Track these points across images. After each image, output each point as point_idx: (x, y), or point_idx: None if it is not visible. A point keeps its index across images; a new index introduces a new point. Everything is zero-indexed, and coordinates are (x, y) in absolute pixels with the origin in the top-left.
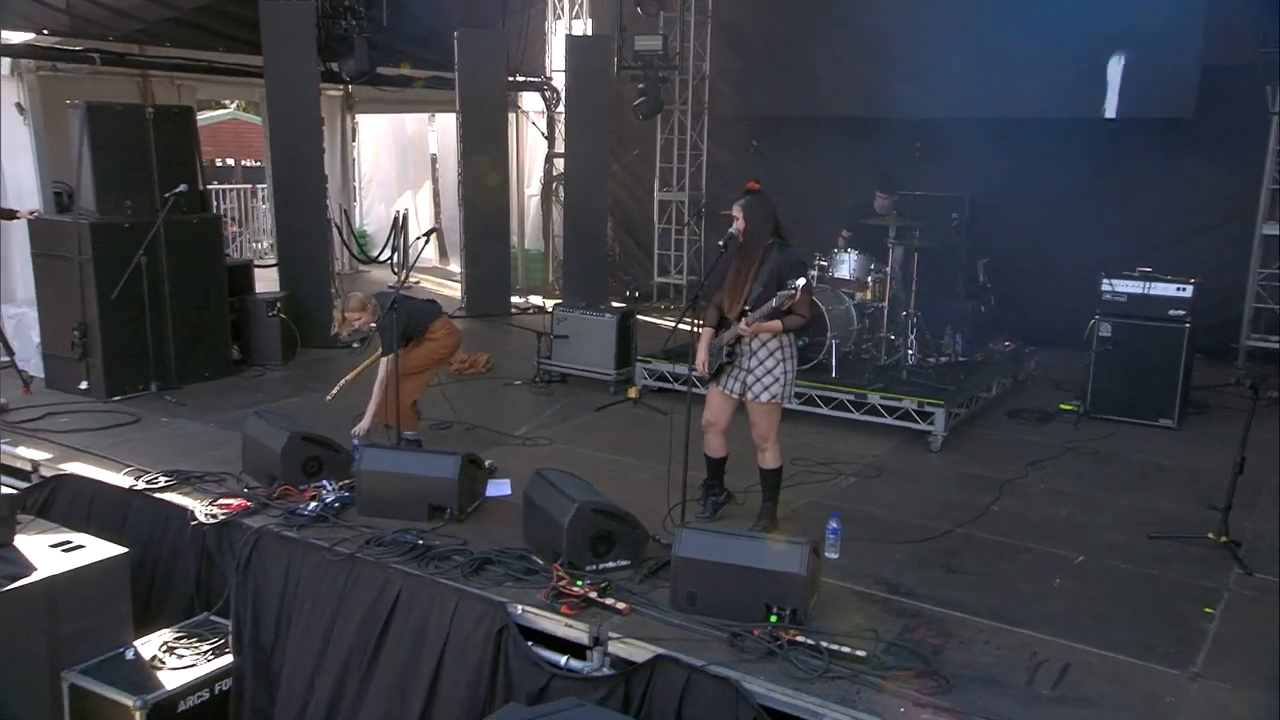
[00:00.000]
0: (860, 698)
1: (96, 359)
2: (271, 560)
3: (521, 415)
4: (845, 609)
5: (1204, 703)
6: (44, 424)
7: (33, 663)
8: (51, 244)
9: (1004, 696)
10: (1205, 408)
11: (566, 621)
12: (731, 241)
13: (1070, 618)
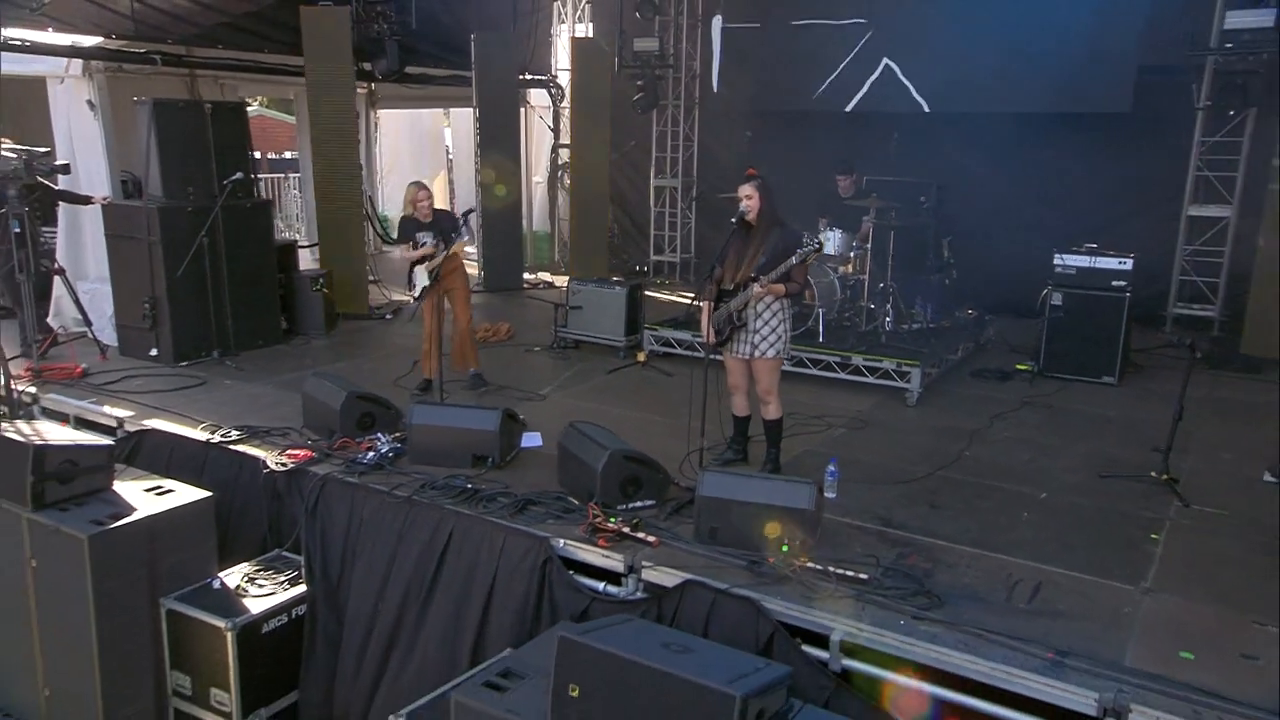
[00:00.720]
0: (865, 613)
1: (165, 329)
2: (336, 503)
3: (543, 377)
4: (846, 540)
5: (1155, 612)
6: (122, 386)
7: (136, 591)
8: (124, 226)
9: (988, 611)
10: (1140, 367)
11: (604, 553)
12: (738, 220)
13: (1038, 544)
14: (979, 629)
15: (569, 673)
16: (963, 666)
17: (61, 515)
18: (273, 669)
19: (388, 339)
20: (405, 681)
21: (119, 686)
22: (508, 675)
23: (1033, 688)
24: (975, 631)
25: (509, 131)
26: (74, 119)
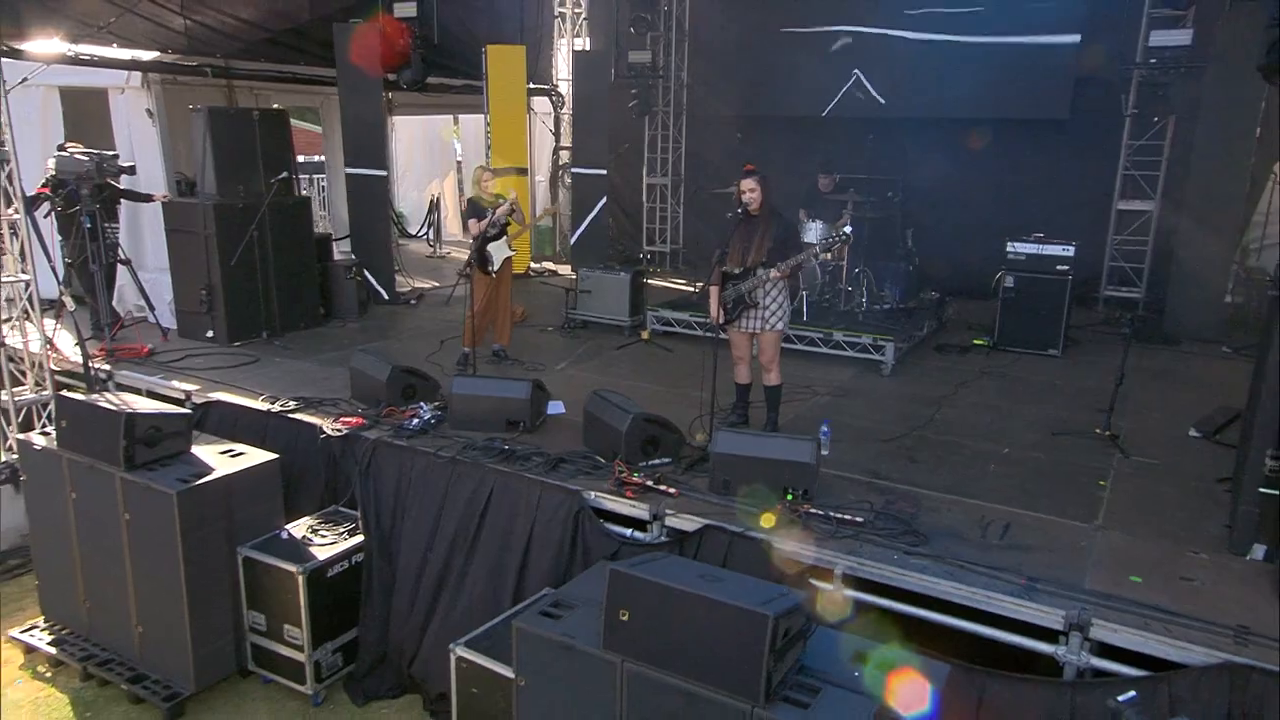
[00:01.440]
0: (862, 550)
1: (219, 313)
2: (386, 463)
3: (558, 353)
4: (841, 489)
5: (1106, 545)
6: (185, 364)
7: (216, 540)
8: (182, 221)
9: (966, 546)
10: (1077, 341)
11: (631, 503)
12: (740, 211)
13: (1005, 491)
14: (961, 561)
15: (619, 599)
16: (949, 592)
17: (150, 474)
18: (336, 608)
19: (414, 322)
20: (454, 619)
21: (204, 623)
22: (559, 605)
23: (1009, 608)
24: (958, 563)
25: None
26: (133, 126)
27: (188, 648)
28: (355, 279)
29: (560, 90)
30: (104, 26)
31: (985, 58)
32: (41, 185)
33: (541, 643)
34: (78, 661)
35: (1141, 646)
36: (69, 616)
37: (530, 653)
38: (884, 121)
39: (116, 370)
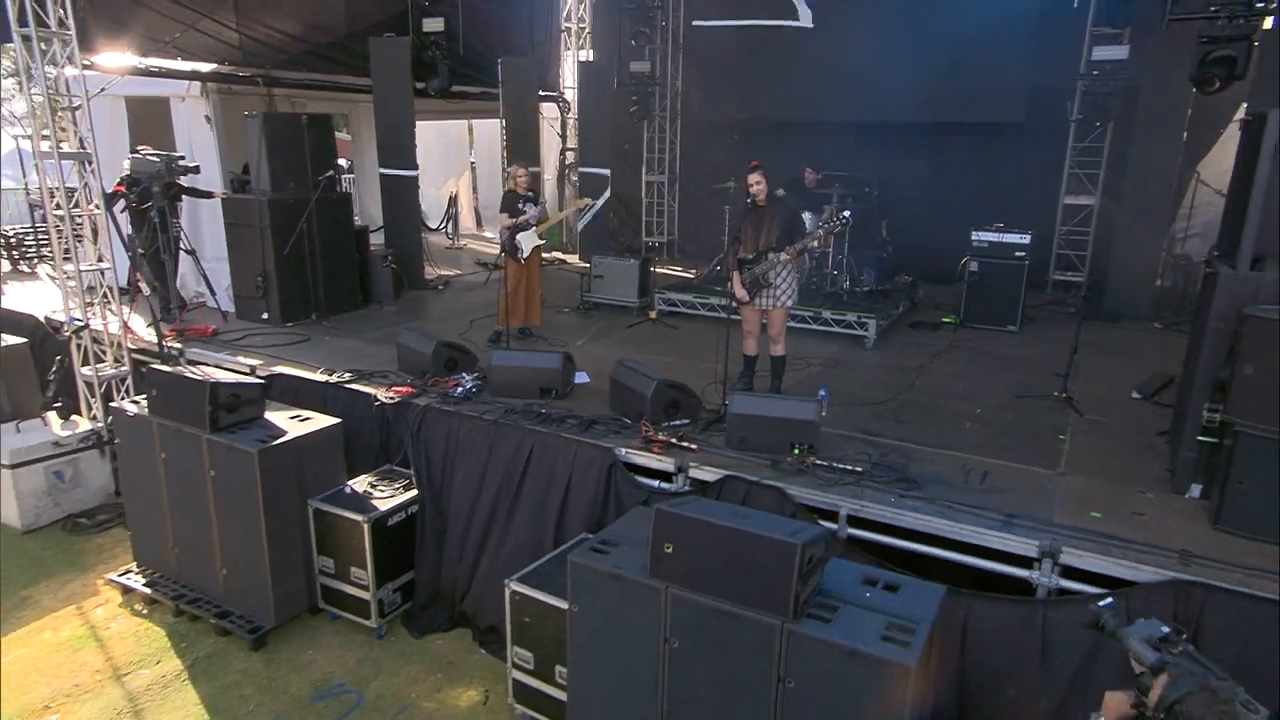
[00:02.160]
0: (864, 495)
1: (273, 297)
2: (436, 427)
3: (575, 331)
4: (839, 445)
5: (1069, 488)
6: (245, 342)
7: (291, 494)
8: (239, 215)
9: (952, 490)
10: (1032, 319)
11: (658, 458)
12: (749, 202)
13: (980, 445)
14: (948, 502)
15: (664, 534)
16: (940, 528)
17: (232, 436)
18: (395, 553)
19: (442, 304)
20: (500, 561)
21: (281, 566)
22: (605, 543)
23: (992, 540)
24: (946, 504)
25: (529, 137)
26: (193, 130)
27: (268, 587)
28: (390, 266)
29: (566, 97)
30: (169, 41)
31: (951, 68)
32: (118, 183)
33: (593, 574)
34: (170, 600)
35: (1103, 569)
36: (159, 562)
37: (583, 583)
38: (860, 125)
39: (186, 348)
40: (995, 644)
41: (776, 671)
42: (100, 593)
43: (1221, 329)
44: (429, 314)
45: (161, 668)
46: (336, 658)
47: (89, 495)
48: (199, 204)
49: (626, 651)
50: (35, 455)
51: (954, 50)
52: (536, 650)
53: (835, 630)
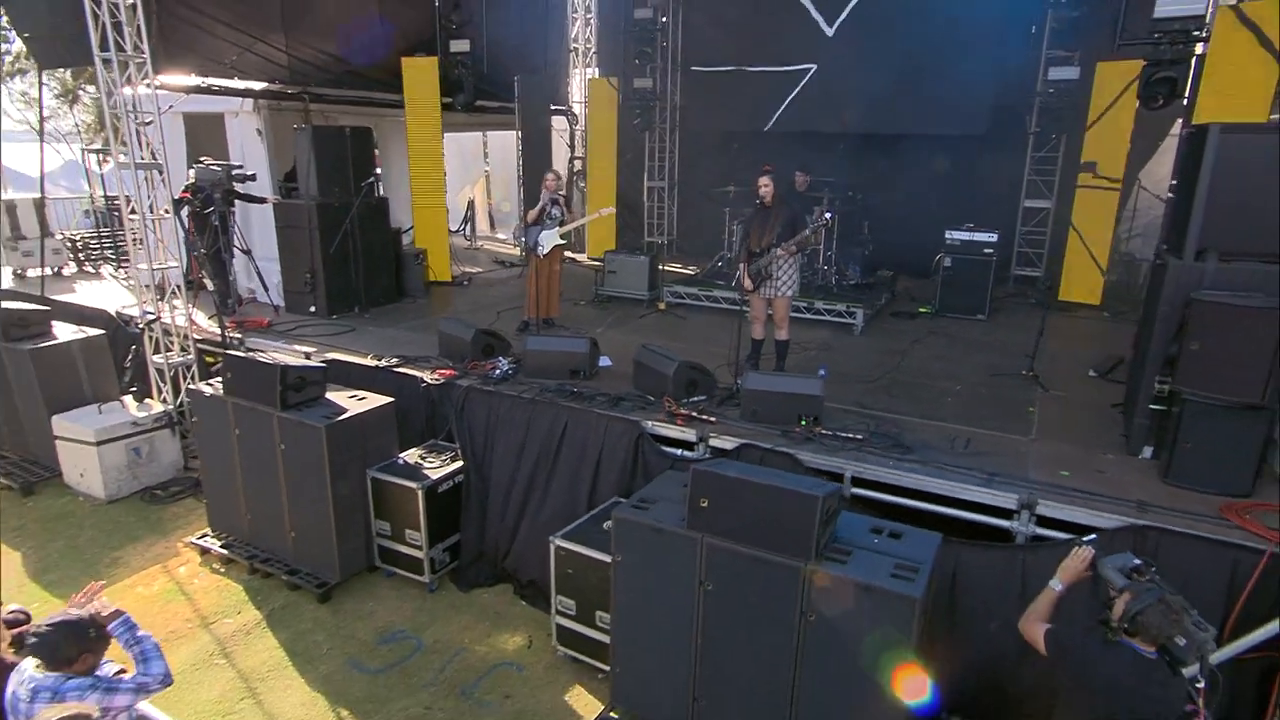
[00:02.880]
0: (865, 459)
1: (320, 292)
2: (477, 405)
3: (592, 321)
4: (839, 417)
5: (1041, 451)
6: (298, 332)
7: (352, 465)
8: (289, 219)
9: (941, 454)
10: (998, 309)
11: (681, 429)
12: (759, 203)
13: (963, 415)
14: (939, 463)
15: (700, 491)
16: (933, 486)
17: (300, 413)
18: (444, 517)
19: (469, 298)
20: (539, 524)
21: (344, 528)
22: (645, 501)
23: (978, 494)
24: (938, 465)
25: (542, 147)
26: (245, 142)
27: (333, 547)
28: (422, 264)
29: (575, 111)
30: (228, 63)
31: (924, 87)
32: (183, 190)
33: (636, 528)
34: (245, 559)
35: (1072, 517)
36: (232, 527)
37: (626, 536)
38: (844, 136)
39: (246, 338)
40: (981, 584)
41: (800, 607)
42: (181, 554)
43: (1170, 312)
44: (457, 307)
45: (242, 617)
46: (395, 609)
47: (162, 469)
48: (250, 208)
49: (665, 594)
50: (116, 434)
51: (927, 71)
52: (578, 598)
53: (851, 569)
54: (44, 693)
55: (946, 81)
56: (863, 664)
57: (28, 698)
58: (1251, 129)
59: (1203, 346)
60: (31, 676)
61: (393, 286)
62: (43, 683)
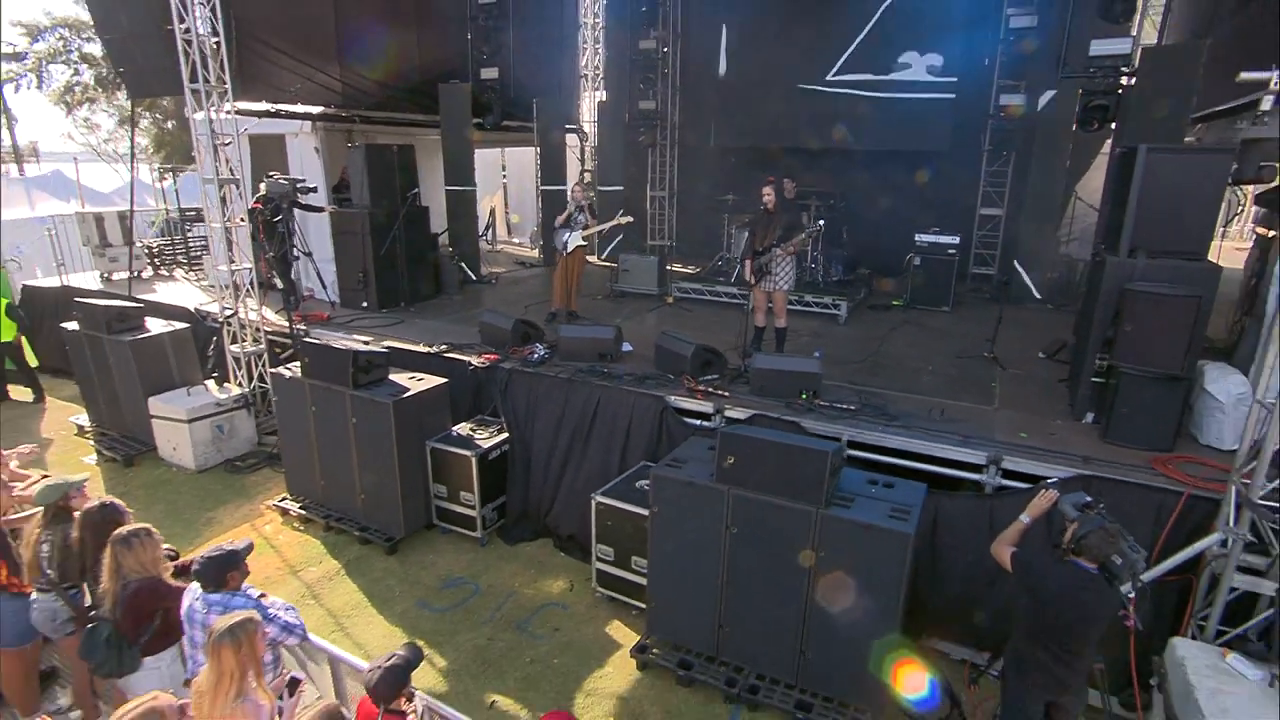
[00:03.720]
0: (859, 426)
1: (372, 289)
2: (519, 385)
3: (609, 313)
4: (834, 391)
5: (1003, 418)
6: (354, 324)
7: (414, 436)
8: (345, 225)
9: (922, 421)
10: (960, 302)
11: (699, 403)
12: (761, 209)
13: (937, 390)
14: (920, 428)
15: (726, 450)
16: (917, 446)
17: (369, 391)
18: (493, 481)
19: (498, 295)
20: (576, 486)
21: (408, 491)
22: (676, 460)
23: (954, 452)
24: (920, 429)
25: (558, 162)
26: (304, 159)
27: (399, 506)
28: (457, 264)
29: (584, 129)
30: (292, 91)
31: (894, 109)
32: (255, 201)
33: (671, 483)
34: (321, 519)
35: (1031, 469)
36: (308, 492)
37: (662, 490)
38: (827, 151)
39: (310, 329)
40: (957, 526)
41: (812, 544)
42: (265, 514)
43: (1108, 301)
44: (488, 302)
45: (324, 566)
46: (452, 559)
47: (240, 444)
48: (307, 215)
49: (696, 539)
50: (203, 413)
51: (896, 95)
52: (616, 546)
53: (854, 512)
54: (216, 606)
55: (913, 105)
56: (863, 590)
57: (204, 610)
58: (1172, 149)
59: (1134, 328)
60: (203, 595)
61: (432, 284)
62: (213, 598)
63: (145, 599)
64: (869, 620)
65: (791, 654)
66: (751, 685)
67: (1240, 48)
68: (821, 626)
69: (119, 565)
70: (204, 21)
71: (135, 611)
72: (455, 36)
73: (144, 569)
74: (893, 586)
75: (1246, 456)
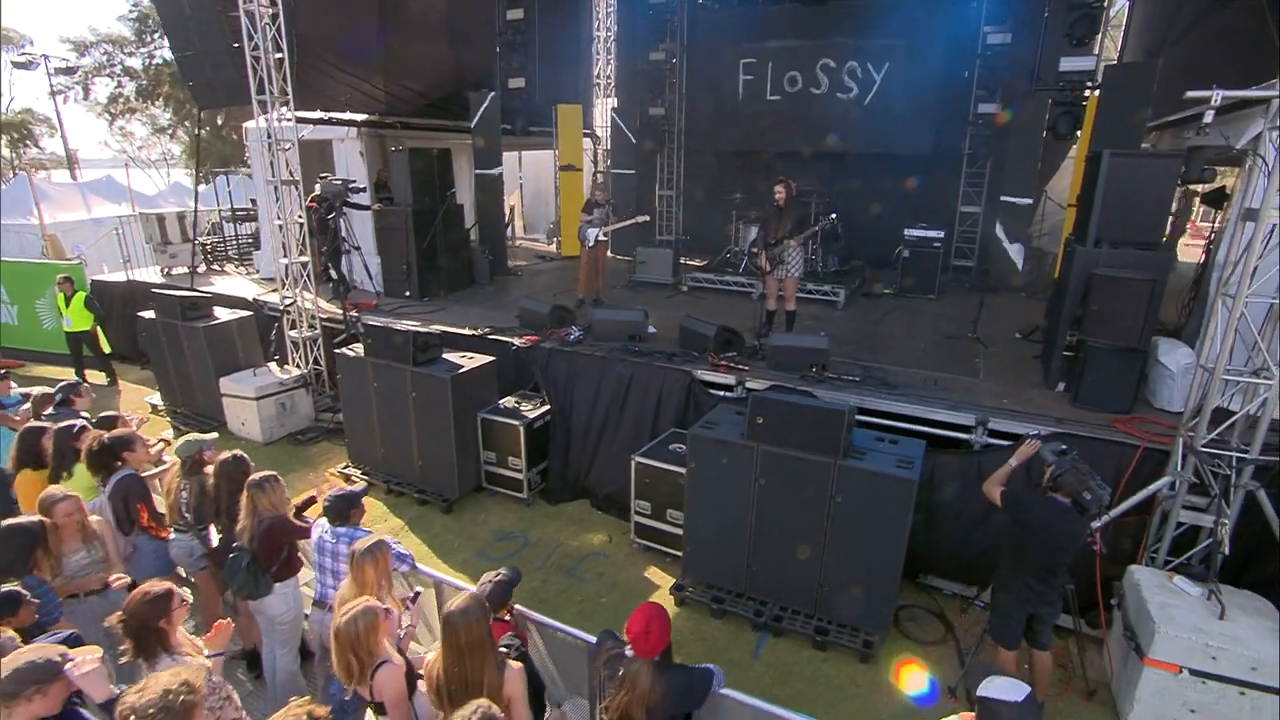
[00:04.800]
0: (864, 394)
1: (414, 279)
2: (558, 362)
3: (629, 301)
4: (840, 365)
5: (988, 388)
6: (400, 311)
7: (467, 408)
8: (389, 222)
9: (918, 389)
10: (943, 291)
11: (723, 376)
12: (774, 205)
13: (929, 364)
14: (917, 396)
15: (756, 411)
16: (915, 411)
17: (427, 368)
18: (537, 448)
19: (525, 284)
20: (613, 451)
21: (462, 456)
22: (710, 423)
23: (947, 416)
24: (916, 394)
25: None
26: (350, 162)
27: (454, 470)
28: (487, 256)
29: (597, 133)
30: (344, 101)
31: (884, 116)
32: (310, 200)
33: (707, 442)
34: (382, 483)
35: (1012, 429)
36: (369, 460)
37: (698, 448)
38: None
39: (362, 315)
40: (950, 479)
41: (830, 492)
42: (329, 481)
43: (1078, 284)
44: (515, 291)
45: (389, 523)
46: (502, 517)
47: (300, 419)
48: (352, 212)
49: (728, 490)
50: (269, 391)
51: (885, 104)
52: (653, 501)
53: (867, 463)
54: (344, 537)
55: (900, 113)
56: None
57: (333, 540)
58: (1131, 154)
59: (1099, 308)
60: (331, 529)
61: (467, 275)
62: (340, 531)
63: (277, 533)
64: (878, 557)
65: (811, 588)
66: (776, 615)
67: (1187, 65)
68: (837, 563)
69: (255, 505)
70: (270, 40)
71: (269, 543)
72: (484, 50)
73: (275, 508)
74: (899, 526)
75: (1191, 412)
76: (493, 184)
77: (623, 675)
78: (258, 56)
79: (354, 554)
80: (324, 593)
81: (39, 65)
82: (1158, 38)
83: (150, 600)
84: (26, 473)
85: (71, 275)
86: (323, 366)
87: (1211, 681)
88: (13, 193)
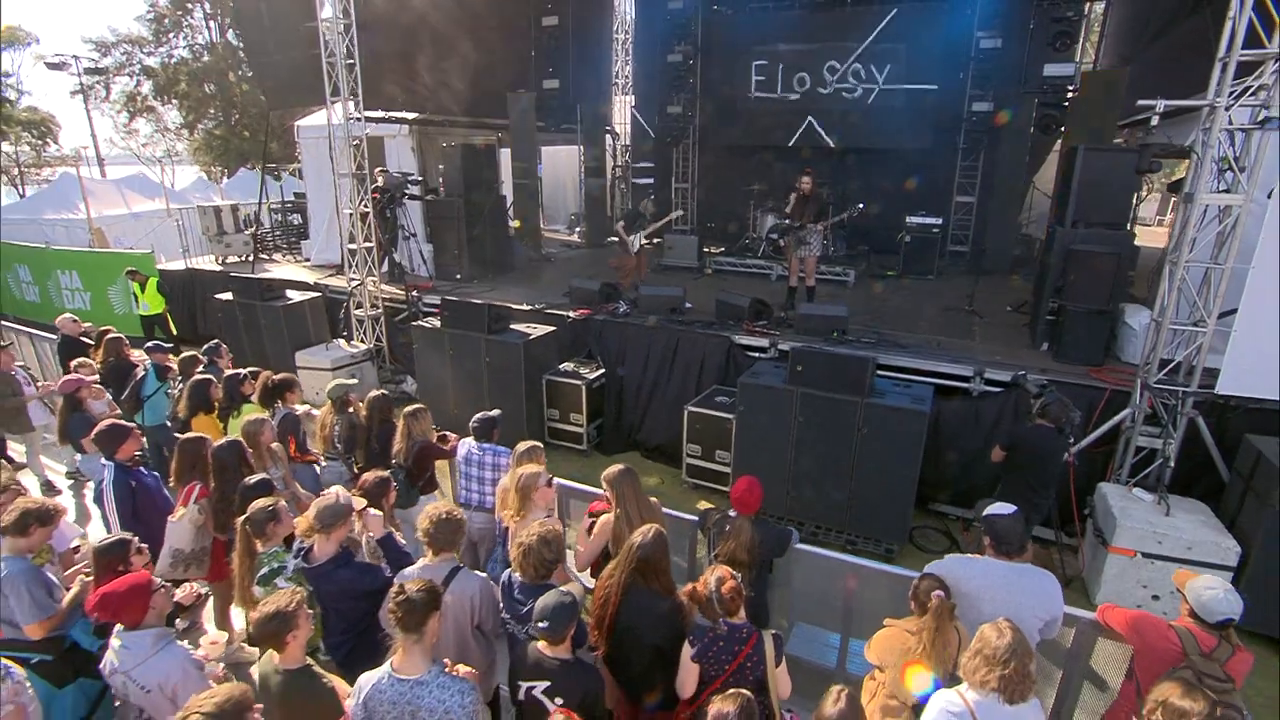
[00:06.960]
0: (879, 351)
1: (464, 262)
2: (610, 332)
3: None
4: (858, 331)
5: (985, 348)
6: (454, 291)
7: (535, 370)
8: (441, 211)
9: (926, 349)
10: (940, 272)
11: (758, 339)
12: (799, 192)
13: (933, 331)
14: (925, 353)
15: (797, 361)
16: (923, 365)
17: (503, 335)
18: (595, 405)
19: (558, 268)
20: (663, 407)
21: (530, 414)
22: (755, 373)
23: (950, 368)
24: (925, 354)
25: (599, 158)
26: (401, 157)
27: (524, 426)
28: (525, 243)
29: (617, 130)
30: (399, 102)
31: (887, 114)
32: (373, 191)
33: (754, 388)
34: None
35: (1004, 377)
36: (443, 421)
37: (746, 394)
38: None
39: (421, 295)
40: (952, 420)
41: (857, 424)
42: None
43: (1059, 260)
44: (550, 274)
45: None
46: (564, 465)
47: (367, 388)
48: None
49: (771, 428)
50: (341, 363)
51: (887, 102)
52: (703, 444)
53: (887, 400)
54: (489, 451)
55: (902, 111)
56: (893, 456)
57: (479, 453)
58: (1101, 148)
59: (1076, 278)
60: (477, 444)
61: (508, 260)
62: (485, 446)
63: (426, 453)
64: (897, 478)
65: (842, 508)
66: (812, 531)
67: (1153, 72)
68: (863, 485)
69: (409, 430)
70: (344, 47)
71: (420, 462)
72: (520, 53)
73: (425, 434)
74: (914, 451)
75: (1146, 356)
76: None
77: (730, 529)
78: (333, 63)
79: (515, 453)
80: (468, 497)
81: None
82: (1129, 46)
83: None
84: (200, 416)
85: (140, 265)
86: (384, 342)
87: (1158, 561)
88: (59, 189)
